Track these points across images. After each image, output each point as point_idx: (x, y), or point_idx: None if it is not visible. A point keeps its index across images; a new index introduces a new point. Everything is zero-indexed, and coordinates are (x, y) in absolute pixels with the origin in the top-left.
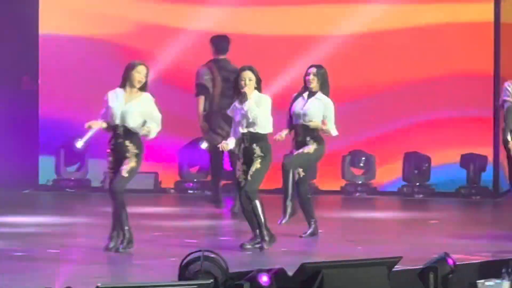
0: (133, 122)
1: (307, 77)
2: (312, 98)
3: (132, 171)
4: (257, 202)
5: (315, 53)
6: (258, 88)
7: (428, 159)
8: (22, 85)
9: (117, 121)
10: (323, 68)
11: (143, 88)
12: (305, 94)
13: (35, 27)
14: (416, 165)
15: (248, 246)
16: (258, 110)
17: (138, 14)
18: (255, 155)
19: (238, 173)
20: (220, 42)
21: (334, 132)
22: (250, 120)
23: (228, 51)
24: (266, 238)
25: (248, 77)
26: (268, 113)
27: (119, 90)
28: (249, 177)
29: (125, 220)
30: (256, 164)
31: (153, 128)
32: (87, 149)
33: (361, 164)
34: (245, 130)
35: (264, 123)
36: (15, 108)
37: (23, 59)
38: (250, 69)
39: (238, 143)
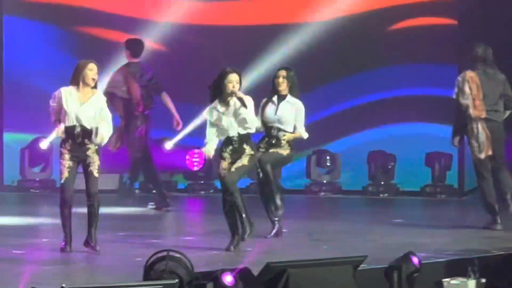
0: (89, 123)
1: (277, 80)
2: (284, 102)
3: (99, 169)
4: (237, 194)
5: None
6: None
7: (393, 158)
8: None
9: (74, 122)
10: (292, 70)
11: (95, 86)
12: (275, 98)
13: None
14: (381, 164)
15: (232, 248)
16: (248, 114)
17: (108, 5)
18: (245, 154)
19: (222, 172)
20: (134, 46)
21: (305, 135)
22: (247, 125)
23: (141, 54)
24: (248, 229)
25: (236, 80)
26: (253, 113)
27: (73, 90)
28: (232, 169)
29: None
30: (244, 161)
31: (105, 132)
32: (52, 149)
33: (327, 164)
34: (235, 133)
35: (253, 125)
36: None
37: None
38: (236, 71)
39: (224, 145)
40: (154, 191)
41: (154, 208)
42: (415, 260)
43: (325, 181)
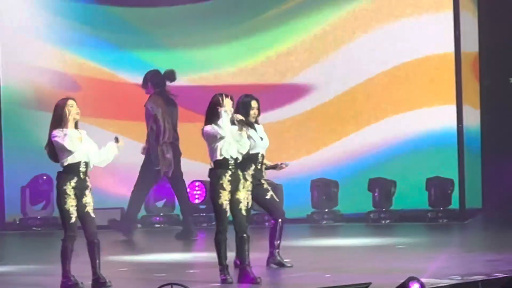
0: (94, 158)
1: (251, 111)
2: (258, 127)
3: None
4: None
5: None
6: None
7: (393, 183)
8: None
9: (81, 159)
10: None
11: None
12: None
13: None
14: (384, 189)
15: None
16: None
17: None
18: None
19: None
20: None
21: None
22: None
23: None
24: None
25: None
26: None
27: (68, 130)
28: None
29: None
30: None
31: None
32: (52, 187)
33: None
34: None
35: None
36: None
37: None
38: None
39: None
40: None
41: None
42: (418, 285)
43: (326, 210)
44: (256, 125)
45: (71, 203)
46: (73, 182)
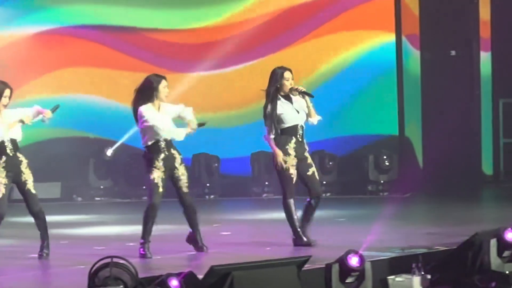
0: (17, 136)
1: (287, 82)
2: (294, 98)
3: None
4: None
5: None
6: None
7: (334, 157)
8: None
9: (3, 138)
10: None
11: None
12: (284, 97)
13: None
14: (321, 162)
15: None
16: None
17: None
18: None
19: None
20: None
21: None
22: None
23: None
24: None
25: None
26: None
27: None
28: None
29: None
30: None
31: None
32: None
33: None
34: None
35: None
36: None
37: None
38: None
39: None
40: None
41: None
42: (355, 258)
43: (266, 183)
44: (293, 97)
45: (3, 179)
46: (2, 162)
